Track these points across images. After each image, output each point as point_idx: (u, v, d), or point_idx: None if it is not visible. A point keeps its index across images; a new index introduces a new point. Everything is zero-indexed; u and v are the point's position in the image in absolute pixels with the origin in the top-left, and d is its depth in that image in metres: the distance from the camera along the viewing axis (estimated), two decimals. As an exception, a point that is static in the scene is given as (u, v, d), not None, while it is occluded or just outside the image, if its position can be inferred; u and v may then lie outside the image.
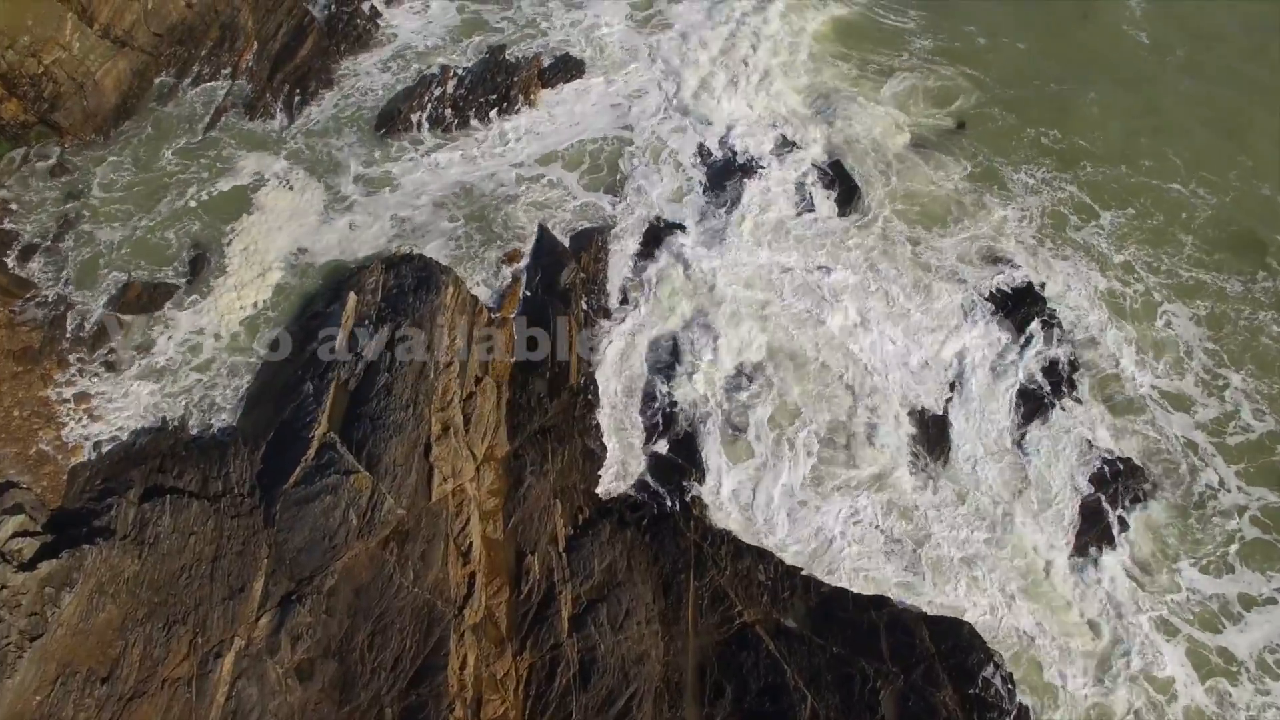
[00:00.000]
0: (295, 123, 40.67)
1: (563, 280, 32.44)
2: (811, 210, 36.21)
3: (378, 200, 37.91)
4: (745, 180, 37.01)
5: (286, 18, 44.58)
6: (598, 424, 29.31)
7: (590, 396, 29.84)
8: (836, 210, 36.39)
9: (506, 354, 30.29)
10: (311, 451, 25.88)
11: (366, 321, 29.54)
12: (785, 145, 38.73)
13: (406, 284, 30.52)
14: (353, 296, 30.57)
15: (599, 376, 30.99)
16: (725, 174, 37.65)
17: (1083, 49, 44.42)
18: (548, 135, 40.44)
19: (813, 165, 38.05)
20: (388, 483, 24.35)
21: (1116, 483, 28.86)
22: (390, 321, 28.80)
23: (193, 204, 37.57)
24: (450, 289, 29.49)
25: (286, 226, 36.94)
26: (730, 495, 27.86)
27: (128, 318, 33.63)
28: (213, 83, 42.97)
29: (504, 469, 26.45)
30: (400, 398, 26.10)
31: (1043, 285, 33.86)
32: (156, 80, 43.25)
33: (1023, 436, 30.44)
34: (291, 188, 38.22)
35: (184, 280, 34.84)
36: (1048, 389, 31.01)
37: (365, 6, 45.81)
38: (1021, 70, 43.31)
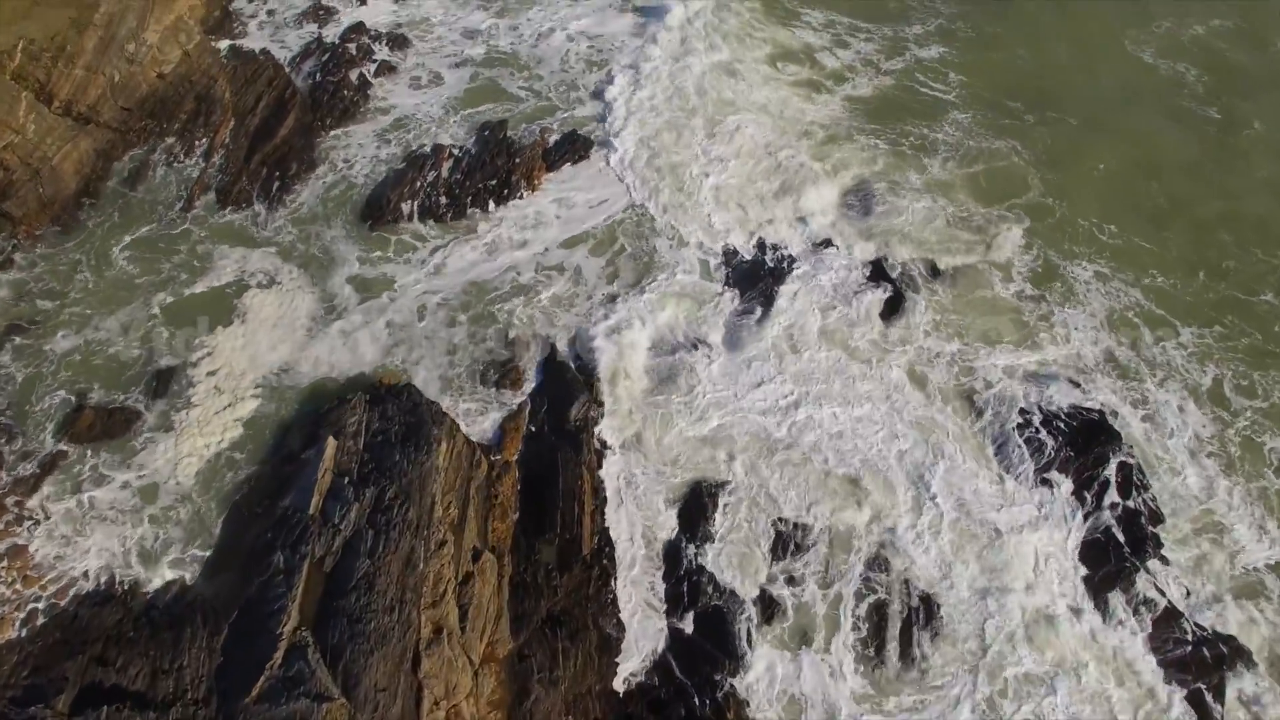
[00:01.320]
0: (276, 211, 36.66)
1: (572, 416, 28.49)
2: (851, 322, 32.28)
3: (372, 304, 33.88)
4: (776, 285, 33.07)
5: (267, 89, 40.65)
6: (614, 598, 25.31)
7: (606, 562, 25.85)
8: (880, 320, 32.44)
9: (510, 511, 26.30)
10: (279, 655, 21.87)
11: (347, 479, 25.52)
12: (820, 242, 34.88)
13: (393, 430, 26.54)
14: (332, 442, 26.57)
15: (613, 525, 27.01)
16: (754, 277, 33.68)
17: (1141, 128, 40.65)
18: (550, 225, 36.50)
19: (851, 266, 34.16)
20: (368, 713, 20.35)
21: (1219, 670, 24.90)
22: (373, 484, 24.79)
23: (160, 310, 33.54)
24: (443, 444, 25.49)
25: (268, 339, 32.78)
26: (775, 694, 23.85)
27: (77, 451, 29.62)
28: (186, 161, 39.05)
29: (506, 673, 22.46)
30: (384, 595, 22.11)
31: (1115, 415, 29.95)
32: (125, 156, 39.39)
33: (1097, 602, 26.50)
34: (276, 291, 34.10)
35: (145, 406, 30.86)
36: (1128, 549, 27.03)
37: (354, 75, 41.96)
38: (1072, 150, 39.50)
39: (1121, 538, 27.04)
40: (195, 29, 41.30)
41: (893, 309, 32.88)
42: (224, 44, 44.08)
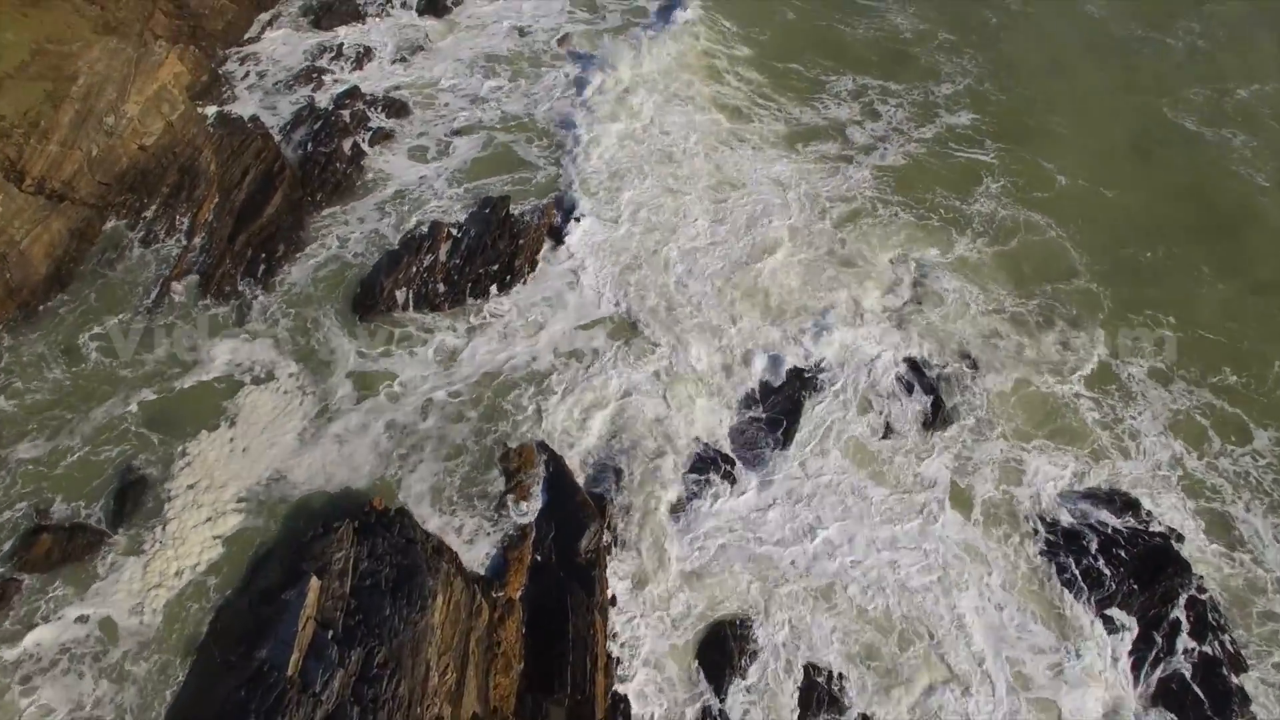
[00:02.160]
0: (262, 298, 34.02)
1: (583, 548, 25.64)
2: (885, 431, 29.47)
3: (370, 403, 31.00)
4: (801, 390, 30.29)
5: (255, 162, 38.13)
6: (634, 775, 22.38)
7: (622, 724, 22.93)
8: (917, 427, 29.63)
9: (514, 662, 23.40)
10: None
11: (331, 632, 22.63)
12: (847, 340, 32.12)
13: (384, 574, 23.67)
14: (315, 583, 23.71)
15: (628, 682, 24.07)
16: (778, 381, 30.89)
17: (1191, 199, 38.11)
18: (555, 311, 33.84)
19: (883, 366, 31.41)
20: None
21: None
22: (360, 644, 21.89)
23: (138, 410, 30.65)
24: (439, 597, 22.61)
25: (255, 445, 29.94)
26: None
27: (32, 579, 26.77)
28: (167, 240, 36.47)
29: None
30: (368, 791, 19.24)
31: (1181, 540, 27.06)
32: (102, 234, 36.86)
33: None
34: (266, 389, 31.32)
35: (113, 525, 28.00)
36: (1208, 706, 24.05)
37: (347, 145, 39.47)
38: (1116, 224, 36.93)
39: (1200, 691, 24.09)
40: (180, 98, 38.88)
41: (930, 414, 30.10)
42: (211, 110, 41.69)
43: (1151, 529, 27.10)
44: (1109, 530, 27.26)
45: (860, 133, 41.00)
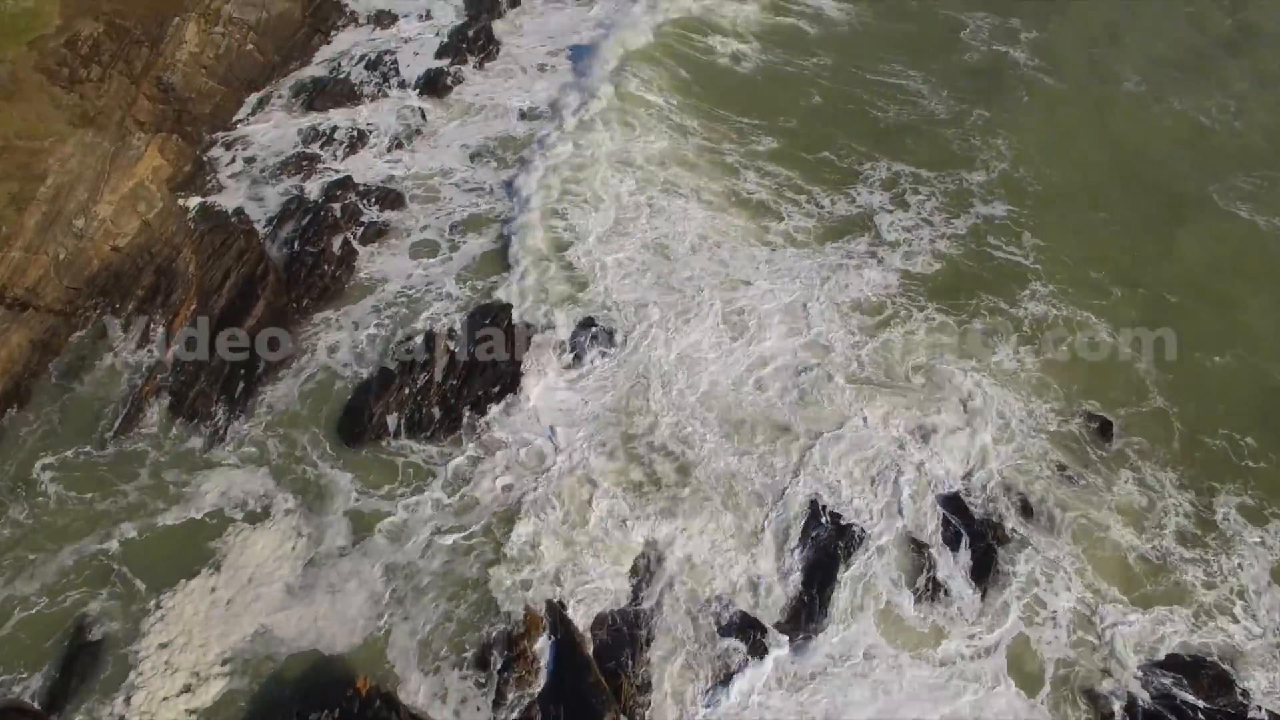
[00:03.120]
0: (242, 420, 30.93)
1: (595, 743, 22.18)
2: (934, 595, 26.01)
3: (365, 545, 27.73)
4: (839, 546, 26.89)
5: (237, 264, 35.18)
6: None
7: None
8: (970, 591, 26.17)
9: None
10: None
11: None
12: (888, 482, 28.81)
13: (361, 793, 20.20)
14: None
15: None
16: (814, 542, 27.45)
17: (1265, 303, 35.00)
18: (574, 428, 30.67)
19: (926, 506, 28.09)
20: None
21: None
22: None
23: (102, 556, 27.23)
24: (425, 835, 19.16)
25: (240, 597, 26.50)
26: None
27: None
28: (141, 351, 33.49)
29: None
30: None
31: (1283, 727, 23.48)
32: (70, 340, 33.91)
33: None
34: (253, 528, 28.01)
35: (58, 704, 24.53)
36: None
37: (336, 244, 36.60)
38: (1181, 330, 33.70)
39: None
40: (158, 194, 36.15)
41: (981, 570, 26.62)
42: (194, 202, 38.91)
43: (1250, 716, 23.55)
44: (1198, 714, 23.70)
45: (890, 227, 38.05)
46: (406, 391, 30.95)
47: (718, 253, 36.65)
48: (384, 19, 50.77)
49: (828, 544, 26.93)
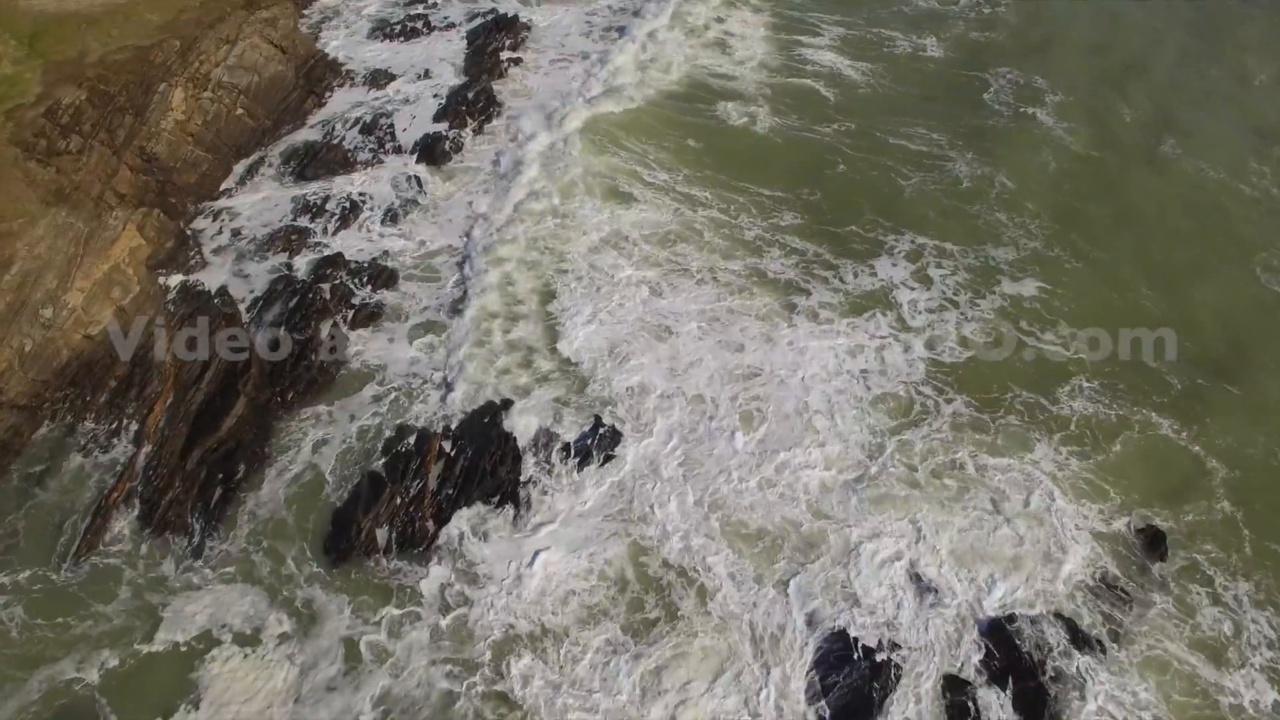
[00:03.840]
0: (221, 532, 28.35)
1: None
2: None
3: (359, 675, 25.06)
4: (874, 688, 24.17)
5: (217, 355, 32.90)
6: None
7: None
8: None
9: None
10: None
11: None
12: (921, 606, 26.17)
13: None
14: None
15: None
16: (845, 685, 24.71)
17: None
18: (585, 539, 28.07)
19: (968, 642, 25.42)
20: None
21: None
22: None
23: (60, 691, 24.70)
24: None
25: None
26: None
27: None
28: (112, 449, 31.01)
29: None
30: None
31: None
32: (34, 438, 31.45)
33: None
34: (238, 657, 25.35)
35: None
36: None
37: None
38: (1242, 424, 31.27)
39: None
40: (135, 277, 33.87)
41: (1032, 714, 23.90)
42: (175, 280, 36.64)
43: None
44: None
45: (912, 307, 35.71)
46: (398, 501, 28.41)
47: (728, 336, 34.30)
48: (380, 78, 48.81)
49: (861, 686, 24.25)
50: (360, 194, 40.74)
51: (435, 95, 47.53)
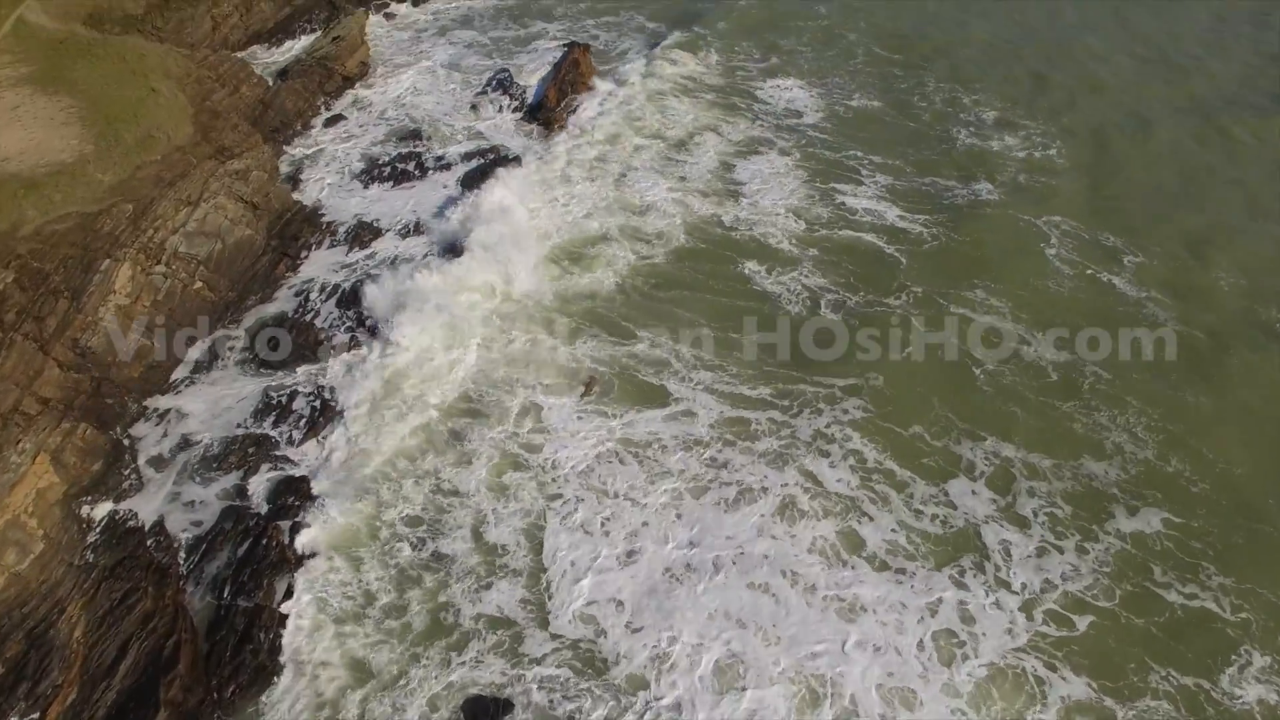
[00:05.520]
0: None
1: None
2: None
3: None
4: None
5: (139, 632, 25.81)
6: None
7: None
8: None
9: None
10: None
11: None
12: None
13: None
14: None
15: None
16: None
17: None
18: None
19: None
20: None
21: None
22: None
23: None
24: None
25: None
26: None
27: None
28: (-9, 769, 23.82)
29: None
30: None
31: None
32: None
33: None
34: None
35: None
36: None
37: (280, 589, 27.16)
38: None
39: None
40: (38, 531, 27.06)
41: None
42: (100, 512, 29.87)
43: None
44: None
45: (1004, 551, 28.89)
46: None
47: (775, 591, 27.40)
48: (364, 234, 42.94)
49: None
50: (332, 390, 34.26)
51: (425, 254, 41.56)
